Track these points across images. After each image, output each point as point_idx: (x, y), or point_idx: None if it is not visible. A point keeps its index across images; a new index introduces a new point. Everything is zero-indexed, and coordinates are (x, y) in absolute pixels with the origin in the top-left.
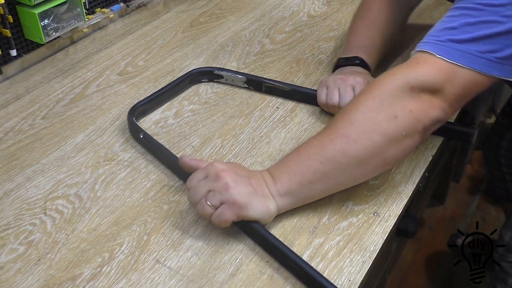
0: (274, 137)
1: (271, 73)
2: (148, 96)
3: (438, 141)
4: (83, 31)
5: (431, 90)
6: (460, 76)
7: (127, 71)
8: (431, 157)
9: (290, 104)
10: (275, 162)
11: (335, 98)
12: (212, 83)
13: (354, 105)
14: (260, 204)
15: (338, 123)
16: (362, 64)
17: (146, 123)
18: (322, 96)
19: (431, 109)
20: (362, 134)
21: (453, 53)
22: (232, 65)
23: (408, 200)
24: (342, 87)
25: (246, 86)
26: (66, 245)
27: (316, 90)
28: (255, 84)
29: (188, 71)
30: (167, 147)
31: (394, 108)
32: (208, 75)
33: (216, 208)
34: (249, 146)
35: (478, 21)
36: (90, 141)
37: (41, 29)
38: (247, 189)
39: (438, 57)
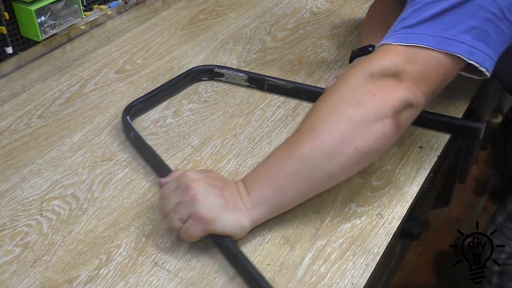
0: (275, 137)
1: (272, 72)
2: (145, 94)
3: (443, 141)
4: (80, 28)
5: (392, 73)
6: (419, 55)
7: (125, 69)
8: (436, 157)
9: (292, 102)
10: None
11: None
12: (212, 82)
13: (319, 101)
14: (230, 218)
15: (305, 120)
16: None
17: (145, 122)
18: (331, 85)
19: (396, 91)
20: (328, 124)
21: (407, 37)
22: (233, 63)
23: (412, 202)
24: None
25: (248, 84)
26: (63, 247)
27: (319, 88)
28: (257, 82)
29: (187, 69)
30: (165, 147)
31: (356, 95)
32: (209, 73)
33: (185, 221)
34: (250, 146)
35: (424, 4)
36: (87, 140)
37: (37, 26)
38: (218, 201)
39: (394, 44)
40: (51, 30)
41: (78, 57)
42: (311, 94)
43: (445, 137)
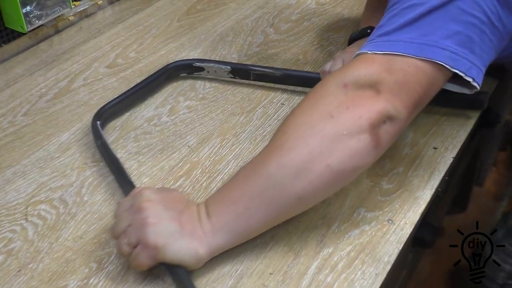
0: None
1: (276, 66)
2: (118, 96)
3: (459, 141)
4: (69, 19)
5: (368, 83)
6: (397, 63)
7: (117, 63)
8: (452, 159)
9: (296, 99)
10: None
11: (338, 67)
12: (210, 77)
13: (289, 115)
14: (184, 246)
15: (273, 136)
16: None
17: (138, 120)
18: (326, 67)
19: (373, 102)
20: (296, 140)
21: (383, 45)
22: (233, 57)
23: (426, 206)
24: (347, 58)
25: (232, 76)
26: (50, 254)
27: (312, 73)
28: (242, 73)
29: (170, 62)
30: (160, 147)
31: (328, 107)
32: (187, 68)
33: (134, 246)
34: (251, 147)
35: (400, 9)
36: (76, 140)
37: (22, 17)
38: (171, 226)
39: (370, 53)
40: (37, 21)
41: (66, 50)
42: (303, 80)
43: (461, 137)
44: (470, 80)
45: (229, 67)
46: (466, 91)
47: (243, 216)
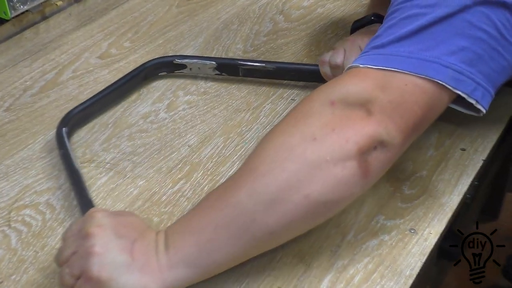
0: None
1: (285, 58)
2: (88, 99)
3: (490, 142)
4: (56, 5)
5: (359, 101)
6: (392, 81)
7: (110, 53)
8: (482, 161)
9: (309, 94)
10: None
11: (338, 58)
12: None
13: (266, 134)
14: (132, 282)
15: (248, 156)
16: (380, 19)
17: (133, 116)
18: (325, 57)
19: (363, 124)
20: (271, 164)
21: (377, 58)
22: (238, 47)
23: (452, 214)
24: (348, 47)
25: (218, 73)
26: (35, 265)
27: (309, 65)
28: (230, 69)
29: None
30: (157, 146)
31: (311, 127)
32: (167, 66)
33: (77, 278)
34: None
35: (399, 19)
36: None
37: (6, 2)
38: (120, 258)
39: (362, 67)
40: (21, 6)
41: (54, 38)
42: (299, 73)
43: (492, 138)
44: (474, 102)
45: (214, 63)
46: (472, 112)
47: (206, 248)
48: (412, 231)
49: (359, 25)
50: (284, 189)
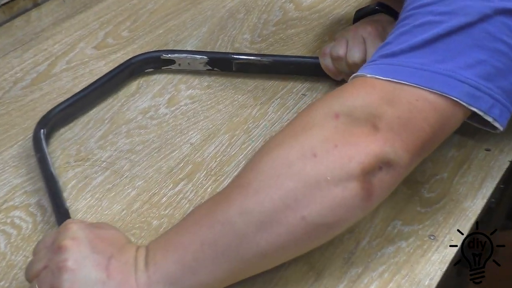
0: None
1: (296, 49)
2: (69, 98)
3: None
4: None
5: (365, 116)
6: (401, 94)
7: (107, 43)
8: (508, 163)
9: (321, 89)
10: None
11: (340, 50)
12: None
13: (266, 142)
14: None
15: (241, 170)
16: (384, 8)
17: (131, 112)
18: (326, 48)
19: (368, 142)
20: (266, 180)
21: (387, 69)
22: (245, 38)
23: (475, 220)
24: (351, 38)
25: (210, 68)
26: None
27: (309, 57)
28: (222, 63)
29: (133, 56)
30: (157, 144)
31: (312, 142)
32: (154, 62)
33: None
34: None
35: (412, 27)
36: (58, 135)
37: None
38: (94, 275)
39: (369, 77)
40: None
41: (47, 27)
42: (298, 66)
43: None
44: (490, 120)
45: (205, 57)
46: (488, 129)
47: (191, 267)
48: (432, 238)
49: (362, 14)
50: (279, 209)
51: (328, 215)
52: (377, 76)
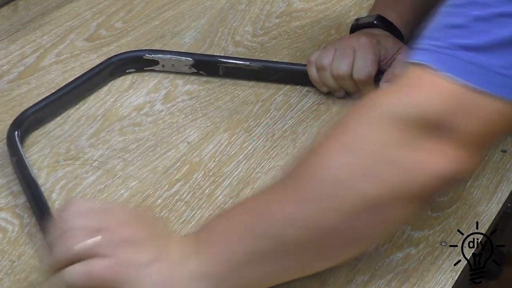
0: (302, 132)
1: (300, 43)
2: (44, 99)
3: None
4: None
5: (437, 125)
6: (481, 105)
7: (100, 35)
8: None
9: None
10: (209, 220)
11: (325, 59)
12: None
13: (325, 141)
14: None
15: (298, 167)
16: (383, 23)
17: (125, 108)
18: (312, 56)
19: (435, 160)
20: (324, 193)
21: (467, 68)
22: (246, 30)
23: (490, 226)
24: (340, 48)
25: (195, 71)
26: (10, 276)
27: (300, 64)
28: (208, 66)
29: (113, 55)
30: (152, 142)
31: (364, 160)
32: (136, 62)
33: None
34: (268, 144)
35: (490, 14)
36: (46, 132)
37: None
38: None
39: (438, 74)
40: None
41: (35, 17)
42: (288, 74)
43: None
44: None
45: (190, 59)
46: None
47: (237, 272)
48: (443, 244)
49: (359, 25)
50: (333, 227)
51: (377, 234)
52: (450, 74)
